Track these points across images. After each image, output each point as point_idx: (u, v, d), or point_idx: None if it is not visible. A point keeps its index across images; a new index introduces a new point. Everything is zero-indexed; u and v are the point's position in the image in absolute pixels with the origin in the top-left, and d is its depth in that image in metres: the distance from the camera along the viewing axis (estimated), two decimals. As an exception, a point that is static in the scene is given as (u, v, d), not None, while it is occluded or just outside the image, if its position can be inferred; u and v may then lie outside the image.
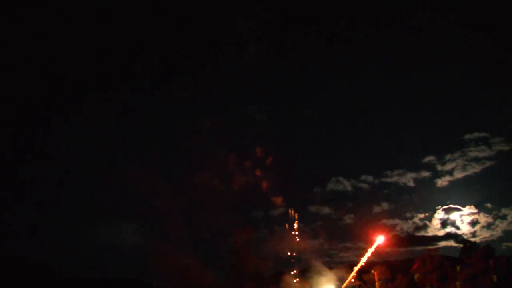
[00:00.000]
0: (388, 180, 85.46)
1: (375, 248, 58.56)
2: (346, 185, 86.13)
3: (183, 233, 59.99)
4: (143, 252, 59.73)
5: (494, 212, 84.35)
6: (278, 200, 69.50)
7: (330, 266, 67.05)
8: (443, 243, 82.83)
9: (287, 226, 65.60)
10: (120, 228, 60.05)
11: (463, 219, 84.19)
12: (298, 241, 64.54)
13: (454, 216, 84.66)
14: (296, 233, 64.68)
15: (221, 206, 62.97)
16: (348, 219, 75.72)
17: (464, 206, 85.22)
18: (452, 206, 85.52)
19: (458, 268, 62.81)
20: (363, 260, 59.72)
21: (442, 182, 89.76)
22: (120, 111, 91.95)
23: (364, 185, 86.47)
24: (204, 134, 67.08)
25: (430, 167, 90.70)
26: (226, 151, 67.55)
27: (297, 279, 62.14)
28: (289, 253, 62.62)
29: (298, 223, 65.52)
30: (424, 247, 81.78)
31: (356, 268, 61.25)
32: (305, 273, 64.38)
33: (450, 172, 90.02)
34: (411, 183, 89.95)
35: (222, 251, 64.73)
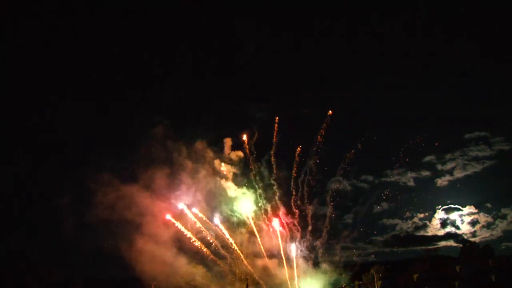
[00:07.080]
0: (388, 179, 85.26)
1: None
2: (346, 185, 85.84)
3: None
4: (141, 252, 59.76)
5: (494, 212, 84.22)
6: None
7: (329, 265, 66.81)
8: (443, 243, 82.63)
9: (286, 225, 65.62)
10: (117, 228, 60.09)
11: (463, 219, 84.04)
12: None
13: (454, 216, 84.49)
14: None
15: None
16: (348, 219, 75.67)
17: (464, 206, 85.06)
18: (452, 206, 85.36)
19: (457, 268, 62.70)
20: None
21: (442, 181, 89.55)
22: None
23: (364, 185, 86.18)
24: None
25: (430, 166, 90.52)
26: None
27: None
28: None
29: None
30: (424, 247, 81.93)
31: None
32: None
33: (450, 172, 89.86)
34: (411, 183, 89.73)
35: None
